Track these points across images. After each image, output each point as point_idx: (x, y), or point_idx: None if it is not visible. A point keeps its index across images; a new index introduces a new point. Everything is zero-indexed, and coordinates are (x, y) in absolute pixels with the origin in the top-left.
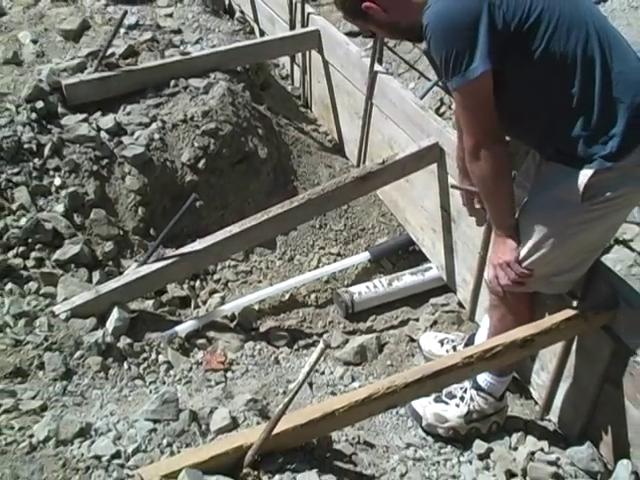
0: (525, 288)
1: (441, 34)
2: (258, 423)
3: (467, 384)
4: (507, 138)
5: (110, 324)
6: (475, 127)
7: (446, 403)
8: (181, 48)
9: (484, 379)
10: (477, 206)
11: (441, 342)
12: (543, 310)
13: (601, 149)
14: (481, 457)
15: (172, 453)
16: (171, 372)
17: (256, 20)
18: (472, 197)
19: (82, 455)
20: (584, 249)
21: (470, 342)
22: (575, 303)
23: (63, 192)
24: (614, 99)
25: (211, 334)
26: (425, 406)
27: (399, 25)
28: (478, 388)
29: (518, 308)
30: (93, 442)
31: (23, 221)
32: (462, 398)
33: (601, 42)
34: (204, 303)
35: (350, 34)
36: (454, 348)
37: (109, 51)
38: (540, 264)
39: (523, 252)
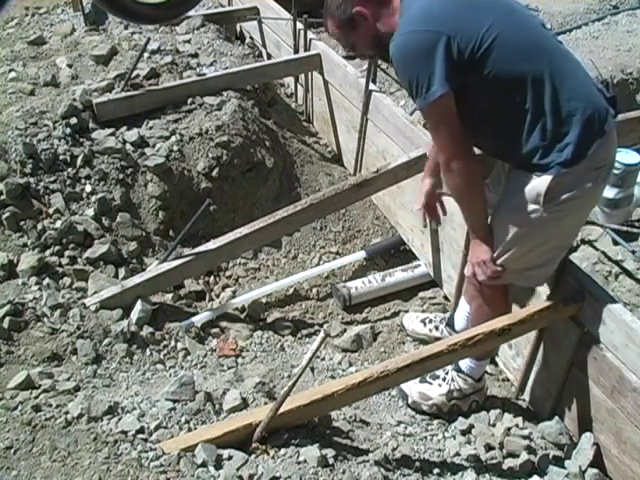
0: (501, 281)
1: (403, 64)
2: (265, 403)
3: (449, 367)
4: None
5: (134, 315)
6: (443, 141)
7: (430, 383)
8: (197, 70)
9: (463, 362)
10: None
11: (423, 322)
12: (518, 303)
13: (557, 157)
14: (463, 432)
15: (189, 429)
16: (188, 358)
17: (264, 45)
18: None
19: (111, 430)
20: (551, 247)
21: (450, 321)
22: (546, 296)
23: (93, 198)
24: (567, 112)
25: (224, 324)
26: (411, 386)
27: (382, 39)
28: (458, 370)
29: (493, 299)
30: (120, 419)
31: (58, 224)
32: (444, 379)
33: (552, 61)
34: (217, 296)
35: (347, 57)
36: (436, 328)
37: (134, 73)
38: (511, 261)
39: (496, 252)
